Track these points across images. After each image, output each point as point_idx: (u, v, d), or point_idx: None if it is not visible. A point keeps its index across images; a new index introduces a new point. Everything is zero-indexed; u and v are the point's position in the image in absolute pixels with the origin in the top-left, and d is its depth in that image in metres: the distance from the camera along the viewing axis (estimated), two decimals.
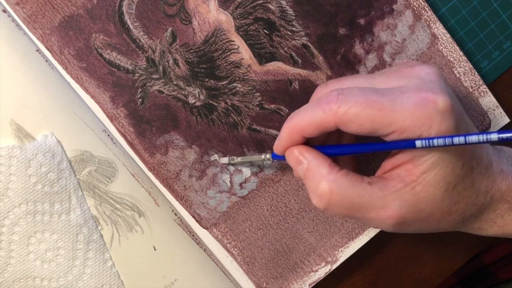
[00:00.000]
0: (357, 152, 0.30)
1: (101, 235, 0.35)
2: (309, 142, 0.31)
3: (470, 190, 0.29)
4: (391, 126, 0.26)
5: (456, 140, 0.26)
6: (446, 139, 0.26)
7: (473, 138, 0.25)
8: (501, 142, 0.25)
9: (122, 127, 0.35)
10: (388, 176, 0.29)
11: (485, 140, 0.25)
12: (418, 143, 0.26)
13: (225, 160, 0.36)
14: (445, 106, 0.26)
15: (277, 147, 0.31)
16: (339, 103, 0.27)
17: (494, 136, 0.25)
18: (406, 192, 0.28)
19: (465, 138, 0.25)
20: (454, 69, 0.37)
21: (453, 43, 0.37)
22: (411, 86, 0.27)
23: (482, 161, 0.29)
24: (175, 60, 0.35)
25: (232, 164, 0.36)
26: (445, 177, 0.28)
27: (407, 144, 0.27)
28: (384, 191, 0.28)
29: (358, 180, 0.29)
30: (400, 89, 0.27)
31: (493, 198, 0.30)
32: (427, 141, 0.26)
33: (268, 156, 0.33)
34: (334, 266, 0.38)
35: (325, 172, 0.28)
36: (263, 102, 0.36)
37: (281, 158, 0.32)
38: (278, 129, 0.36)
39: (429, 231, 0.30)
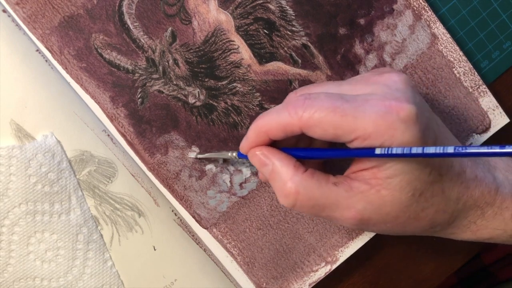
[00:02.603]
0: (320, 157, 0.30)
1: (101, 235, 0.35)
2: (276, 144, 0.31)
3: (440, 196, 0.28)
4: (353, 133, 0.26)
5: (414, 150, 0.25)
6: (405, 149, 0.26)
7: (431, 150, 0.25)
8: (457, 156, 0.25)
9: (122, 127, 0.35)
10: (354, 176, 0.29)
11: (441, 152, 0.25)
12: (377, 151, 0.26)
13: (192, 154, 0.36)
14: (409, 115, 0.26)
15: (243, 146, 0.31)
16: (304, 108, 0.27)
17: (450, 149, 0.24)
18: (371, 194, 0.28)
19: (422, 149, 0.25)
20: (454, 69, 0.37)
21: (453, 43, 0.37)
22: (376, 94, 0.27)
23: (453, 168, 0.29)
24: (175, 60, 0.35)
25: (199, 159, 0.36)
26: (411, 182, 0.27)
27: (367, 153, 0.27)
28: (349, 192, 0.28)
29: (324, 181, 0.29)
30: (365, 96, 0.27)
31: (466, 205, 0.29)
32: (386, 149, 0.26)
33: (234, 154, 0.33)
34: (334, 266, 0.38)
35: (290, 173, 0.29)
36: (263, 102, 0.36)
37: (245, 156, 0.31)
38: None
39: (395, 233, 0.30)
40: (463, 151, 0.24)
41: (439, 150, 0.25)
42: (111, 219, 0.35)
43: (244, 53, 0.36)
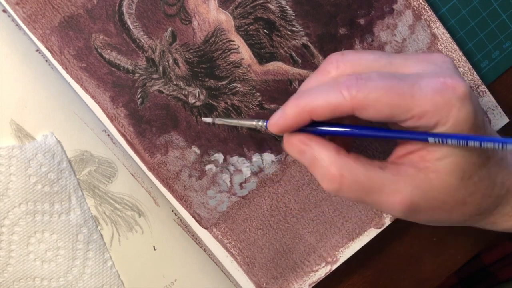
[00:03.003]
0: (368, 135, 0.29)
1: (101, 235, 0.35)
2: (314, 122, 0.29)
3: (487, 180, 0.28)
4: (410, 112, 0.26)
5: (471, 143, 0.25)
6: (461, 140, 0.25)
7: (489, 145, 0.25)
8: None
9: (122, 127, 0.35)
10: (400, 161, 0.28)
11: (501, 148, 0.24)
12: (430, 139, 0.26)
13: (208, 119, 0.34)
14: (464, 92, 0.26)
15: (278, 124, 0.28)
16: (358, 87, 0.26)
17: (511, 146, 0.24)
18: (419, 178, 0.27)
19: (480, 142, 0.25)
20: None
21: (453, 43, 0.37)
22: (429, 72, 0.27)
23: (497, 152, 0.28)
24: (175, 60, 0.35)
25: (215, 124, 0.34)
26: (460, 165, 0.27)
27: (420, 137, 0.26)
28: (396, 175, 0.27)
29: (369, 164, 0.28)
30: (419, 74, 0.27)
31: (509, 190, 0.29)
32: (440, 139, 0.25)
33: (261, 123, 0.30)
34: (334, 266, 0.38)
35: (333, 157, 0.27)
36: (263, 102, 0.36)
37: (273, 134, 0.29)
38: None
39: (440, 222, 0.29)
40: None
41: (498, 145, 0.24)
42: (111, 219, 0.35)
43: (244, 53, 0.36)
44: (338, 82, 0.27)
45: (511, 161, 0.29)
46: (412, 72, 0.27)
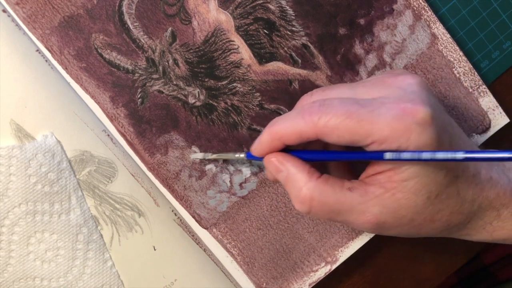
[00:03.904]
0: (329, 159, 0.30)
1: (101, 235, 0.35)
2: (289, 147, 0.31)
3: (455, 198, 0.28)
4: (370, 138, 0.26)
5: (425, 155, 0.25)
6: (415, 153, 0.26)
7: (440, 155, 0.25)
8: (467, 160, 0.25)
9: (122, 127, 0.35)
10: (369, 181, 0.29)
11: (451, 158, 0.25)
12: (387, 155, 0.26)
13: (199, 155, 0.35)
14: (424, 118, 0.26)
15: (256, 150, 0.31)
16: (319, 114, 0.27)
17: (460, 156, 0.25)
18: (386, 198, 0.28)
19: (432, 153, 0.25)
20: (454, 69, 0.37)
21: (453, 43, 0.37)
22: (391, 97, 0.27)
23: (468, 169, 0.29)
24: (175, 60, 0.35)
25: (207, 160, 0.36)
26: (426, 185, 0.27)
27: (376, 156, 0.27)
28: (364, 196, 0.28)
29: (339, 186, 0.29)
30: (381, 99, 0.27)
31: (481, 206, 0.29)
32: (395, 154, 0.26)
33: (242, 155, 0.33)
34: (334, 266, 0.38)
35: (305, 180, 0.29)
36: (263, 102, 0.36)
37: (256, 158, 0.31)
38: None
39: (410, 236, 0.30)
40: (472, 155, 0.24)
41: (449, 155, 0.25)
42: (111, 219, 0.35)
43: (244, 53, 0.36)
44: (302, 109, 0.28)
45: (485, 176, 0.29)
46: (377, 97, 0.28)
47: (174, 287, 0.36)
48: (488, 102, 0.38)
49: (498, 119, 0.38)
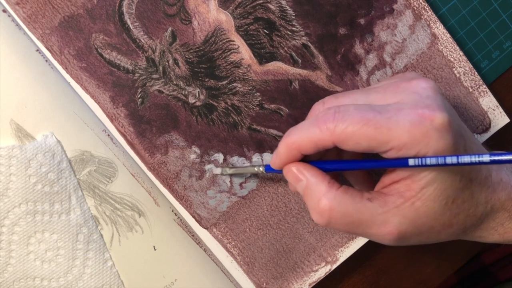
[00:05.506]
0: (351, 168, 0.30)
1: (101, 235, 0.35)
2: (306, 156, 0.30)
3: (470, 201, 0.29)
4: (388, 144, 0.26)
5: (449, 160, 0.25)
6: (439, 159, 0.26)
7: (466, 159, 0.25)
8: (493, 163, 0.25)
9: (122, 127, 0.35)
10: (387, 191, 0.29)
11: (477, 161, 0.25)
12: (411, 162, 0.26)
13: (217, 170, 0.36)
14: (442, 123, 0.26)
15: (275, 162, 0.31)
16: (336, 122, 0.27)
17: (486, 158, 0.25)
18: (406, 207, 0.28)
19: (457, 158, 0.25)
20: (454, 69, 0.37)
21: (453, 43, 0.37)
22: (407, 102, 0.27)
23: (481, 171, 0.29)
24: (175, 60, 0.35)
25: (224, 175, 0.36)
26: (444, 191, 0.27)
27: (400, 163, 0.27)
28: (384, 207, 0.28)
29: (358, 197, 0.28)
30: (397, 105, 0.27)
31: (493, 208, 0.30)
32: (420, 160, 0.26)
33: (261, 169, 0.33)
34: (334, 266, 0.38)
35: (324, 190, 0.28)
36: (263, 102, 0.36)
37: (275, 171, 0.31)
38: (278, 129, 0.36)
39: (430, 242, 0.30)
40: (499, 158, 0.24)
41: (475, 158, 0.25)
42: (111, 219, 0.35)
43: (244, 53, 0.36)
44: (317, 117, 0.28)
45: (496, 178, 0.30)
46: (392, 103, 0.28)
47: (174, 287, 0.36)
48: (488, 102, 0.38)
49: (498, 119, 0.38)
